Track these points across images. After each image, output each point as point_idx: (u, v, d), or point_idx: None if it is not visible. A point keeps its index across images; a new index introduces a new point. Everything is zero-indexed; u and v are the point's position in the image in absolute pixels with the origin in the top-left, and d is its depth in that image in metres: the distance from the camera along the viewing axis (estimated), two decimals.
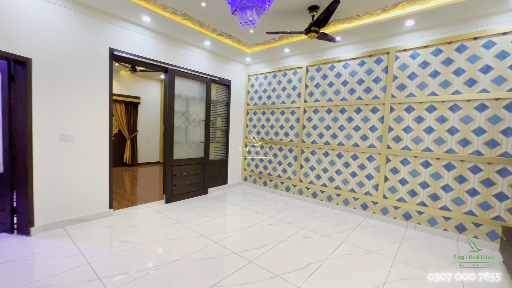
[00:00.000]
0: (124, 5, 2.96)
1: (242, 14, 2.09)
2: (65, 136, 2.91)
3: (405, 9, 2.91)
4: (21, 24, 2.50)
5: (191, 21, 3.48)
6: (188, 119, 4.39)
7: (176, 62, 4.05)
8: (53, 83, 2.78)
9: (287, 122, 4.77)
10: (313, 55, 4.34)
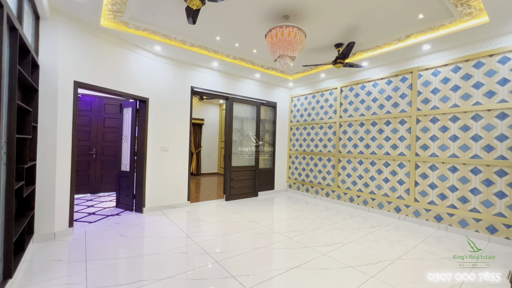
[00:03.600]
0: (202, 58, 4.35)
1: (280, 61, 3.10)
2: (164, 148, 4.32)
3: (418, 38, 3.49)
4: (143, 76, 4.04)
5: (246, 62, 4.70)
6: (242, 134, 5.54)
7: (233, 91, 5.32)
8: (158, 113, 4.25)
9: (325, 136, 5.47)
10: (346, 78, 5.06)
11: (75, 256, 2.51)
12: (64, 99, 3.01)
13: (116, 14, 3.08)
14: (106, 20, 3.21)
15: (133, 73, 3.87)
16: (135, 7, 2.94)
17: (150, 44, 3.82)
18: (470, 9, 2.74)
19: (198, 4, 2.28)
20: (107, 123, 5.58)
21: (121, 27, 3.37)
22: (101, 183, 5.55)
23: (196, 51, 4.12)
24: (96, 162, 5.47)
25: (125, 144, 4.33)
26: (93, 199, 4.99)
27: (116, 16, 3.13)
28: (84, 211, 4.15)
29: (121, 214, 4.02)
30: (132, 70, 3.86)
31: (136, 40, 3.68)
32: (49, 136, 2.90)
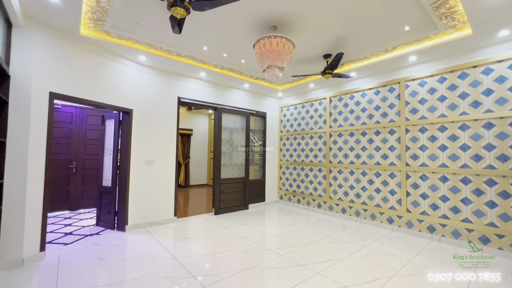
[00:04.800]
0: (189, 68, 4.24)
1: (269, 72, 3.03)
2: (149, 161, 4.11)
3: (405, 49, 3.53)
4: (127, 87, 3.87)
5: (234, 72, 4.62)
6: (232, 145, 5.40)
7: (222, 101, 5.21)
8: (142, 125, 4.07)
9: (315, 146, 5.42)
10: (335, 88, 5.07)
11: (44, 286, 2.26)
12: (37, 112, 2.80)
13: (97, 23, 2.94)
14: (87, 28, 3.06)
15: (116, 83, 3.70)
16: (117, 15, 2.81)
17: (134, 53, 3.68)
18: (454, 21, 2.79)
19: (182, 13, 2.19)
20: (89, 135, 5.31)
21: (103, 36, 3.22)
22: (81, 198, 5.22)
23: (183, 61, 4.01)
24: (76, 177, 5.16)
25: (107, 157, 4.10)
26: (71, 217, 4.66)
27: (97, 25, 2.99)
28: (61, 231, 3.84)
29: (101, 233, 3.75)
30: (115, 80, 3.69)
31: (119, 49, 3.53)
32: (20, 151, 2.66)
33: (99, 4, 2.58)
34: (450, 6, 2.51)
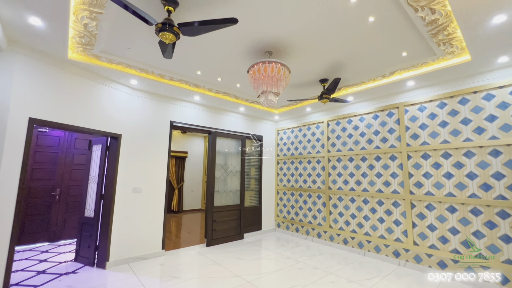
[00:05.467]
0: (183, 92, 4.13)
1: (264, 97, 2.90)
2: (136, 189, 3.84)
3: (403, 74, 3.47)
4: (117, 111, 3.71)
5: (229, 96, 4.52)
6: (226, 170, 5.16)
7: (217, 125, 5.06)
8: (131, 150, 3.85)
9: (313, 171, 5.20)
10: (332, 112, 4.97)
11: None
12: (13, 139, 2.59)
13: (85, 47, 2.84)
14: (75, 53, 2.95)
15: (105, 108, 3.54)
16: (107, 40, 2.72)
17: (126, 78, 3.57)
18: (452, 48, 2.73)
19: (171, 38, 2.07)
20: (76, 159, 5.06)
21: (92, 60, 3.11)
22: (63, 228, 4.84)
23: (176, 85, 3.90)
24: (59, 205, 4.82)
25: (91, 185, 3.82)
26: (49, 250, 4.26)
27: (86, 49, 2.89)
28: (33, 268, 3.45)
29: (79, 271, 3.37)
30: (104, 104, 3.53)
31: (110, 73, 3.42)
32: None
33: (87, 29, 2.49)
34: (448, 33, 2.45)
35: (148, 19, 1.93)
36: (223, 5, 2.15)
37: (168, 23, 2.01)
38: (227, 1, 2.10)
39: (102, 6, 2.16)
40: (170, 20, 2.03)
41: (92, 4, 2.13)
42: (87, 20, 2.35)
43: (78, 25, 2.42)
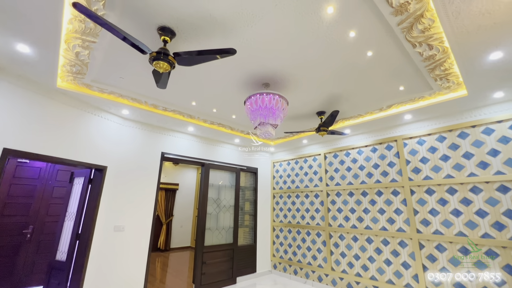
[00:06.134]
0: (176, 122, 3.99)
1: (261, 129, 2.78)
2: (118, 227, 3.46)
3: (400, 108, 3.46)
4: (105, 141, 3.50)
5: (224, 127, 4.41)
6: (219, 205, 4.82)
7: (211, 157, 4.86)
8: (117, 183, 3.56)
9: (312, 205, 4.92)
10: (329, 144, 4.88)
11: None
12: None
13: (76, 76, 2.73)
14: (65, 81, 2.83)
15: (92, 138, 3.34)
16: (99, 69, 2.62)
17: (117, 107, 3.44)
18: (449, 83, 2.74)
19: (165, 68, 1.98)
20: (56, 193, 4.66)
21: (83, 89, 2.99)
22: (31, 273, 4.23)
23: (170, 116, 3.78)
24: (30, 244, 4.29)
25: (67, 223, 3.43)
26: None
27: (77, 78, 2.77)
28: None
29: None
30: (91, 135, 3.33)
31: (100, 103, 3.29)
32: None
33: (78, 58, 2.40)
34: (445, 68, 2.46)
35: (143, 49, 1.85)
36: (221, 37, 2.12)
37: (163, 52, 1.93)
38: (225, 33, 2.07)
39: (95, 35, 2.09)
40: (165, 50, 1.95)
41: (85, 33, 2.06)
42: (79, 48, 2.26)
43: (69, 53, 2.33)
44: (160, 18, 1.92)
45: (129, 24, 1.96)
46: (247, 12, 1.85)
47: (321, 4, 1.78)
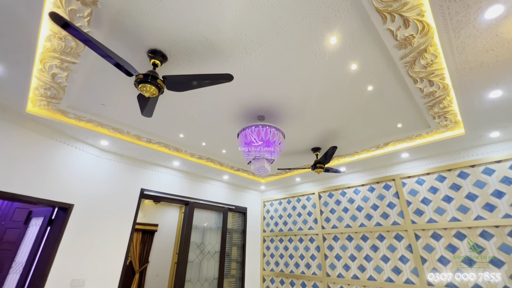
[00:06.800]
0: (161, 156, 3.66)
1: (256, 164, 2.51)
2: (77, 281, 2.82)
3: (397, 146, 3.36)
4: (76, 175, 3.06)
5: (213, 162, 4.10)
6: (202, 252, 4.24)
7: (196, 195, 4.43)
8: (84, 225, 3.02)
9: (306, 251, 4.44)
10: (323, 182, 4.64)
11: None
12: None
13: (50, 101, 2.44)
14: (37, 106, 2.53)
15: (60, 171, 2.91)
16: (78, 94, 2.37)
17: (95, 137, 3.10)
18: (447, 121, 2.70)
19: (152, 92, 1.76)
20: (8, 236, 3.93)
21: (57, 116, 2.68)
22: None
23: (154, 149, 3.46)
24: None
25: (12, 276, 2.77)
26: None
27: (51, 103, 2.48)
28: None
29: None
30: (60, 167, 2.91)
31: (76, 132, 2.96)
32: None
33: (55, 80, 2.15)
34: (444, 106, 2.42)
35: (129, 70, 1.64)
36: (216, 63, 1.98)
37: (152, 75, 1.73)
38: (221, 59, 1.93)
39: (77, 55, 1.88)
40: (154, 72, 1.76)
41: (65, 52, 1.85)
42: (57, 70, 2.03)
43: (44, 75, 2.08)
44: (151, 40, 1.77)
45: (116, 44, 1.79)
46: (246, 38, 1.74)
47: (324, 34, 1.71)
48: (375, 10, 1.49)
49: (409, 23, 1.57)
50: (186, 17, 1.59)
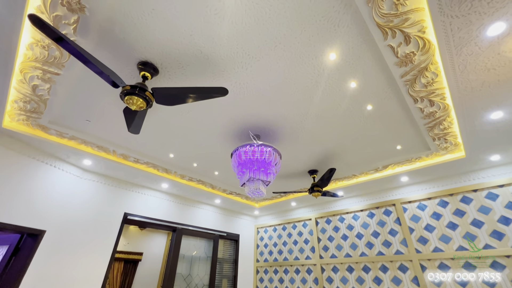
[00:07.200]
0: (149, 177, 3.43)
1: (250, 186, 2.33)
2: None
3: (396, 169, 3.25)
4: (52, 197, 2.78)
5: (205, 185, 3.87)
6: (189, 285, 3.82)
7: (185, 220, 4.12)
8: (54, 254, 2.68)
9: (304, 284, 4.07)
10: (320, 207, 4.42)
11: None
12: None
13: (30, 115, 2.27)
14: (15, 121, 2.34)
15: (34, 192, 2.64)
16: (61, 108, 2.21)
17: (77, 156, 2.89)
18: (447, 143, 2.62)
19: (139, 105, 1.62)
20: None
21: (37, 132, 2.49)
22: None
23: (142, 169, 3.25)
24: None
25: None
26: None
27: (31, 118, 2.31)
28: None
29: None
30: (35, 188, 2.65)
31: (57, 150, 2.74)
32: None
33: (35, 93, 2.00)
34: (444, 127, 2.36)
35: (115, 80, 1.51)
36: (210, 78, 1.88)
37: (140, 87, 1.60)
38: (215, 73, 1.84)
39: (61, 65, 1.76)
40: (142, 84, 1.63)
41: (48, 62, 1.73)
42: (38, 81, 1.89)
43: (24, 86, 1.94)
44: (142, 52, 1.67)
45: (105, 55, 1.68)
46: (243, 52, 1.67)
47: (324, 49, 1.65)
48: (376, 25, 1.45)
49: (410, 40, 1.53)
50: (179, 28, 1.52)
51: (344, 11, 1.42)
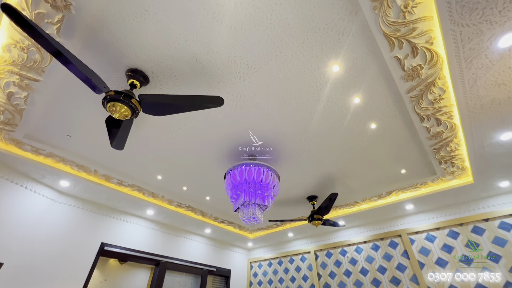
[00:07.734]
0: (133, 202, 3.12)
1: (245, 211, 2.07)
2: None
3: (400, 196, 3.05)
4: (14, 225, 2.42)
5: (194, 212, 3.55)
6: None
7: (170, 252, 3.69)
8: None
9: None
10: (319, 238, 4.07)
11: None
12: None
13: (3, 128, 2.05)
14: None
15: None
16: (38, 121, 2.01)
17: (54, 176, 2.61)
18: (453, 167, 2.48)
19: (124, 113, 1.45)
20: None
21: (9, 147, 2.24)
22: None
23: (125, 192, 2.96)
24: None
25: None
26: None
27: (3, 131, 2.08)
28: None
29: None
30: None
31: (31, 169, 2.47)
32: None
33: (10, 101, 1.81)
34: (451, 149, 2.23)
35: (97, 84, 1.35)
36: (205, 89, 1.75)
37: (125, 93, 1.44)
38: (211, 84, 1.71)
39: (41, 71, 1.61)
40: (128, 91, 1.47)
41: (27, 66, 1.57)
42: (15, 88, 1.72)
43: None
44: (132, 58, 1.54)
45: (90, 59, 1.54)
46: (241, 60, 1.56)
47: (326, 60, 1.56)
48: (382, 34, 1.37)
49: (417, 51, 1.46)
50: (174, 32, 1.41)
51: (349, 19, 1.35)
